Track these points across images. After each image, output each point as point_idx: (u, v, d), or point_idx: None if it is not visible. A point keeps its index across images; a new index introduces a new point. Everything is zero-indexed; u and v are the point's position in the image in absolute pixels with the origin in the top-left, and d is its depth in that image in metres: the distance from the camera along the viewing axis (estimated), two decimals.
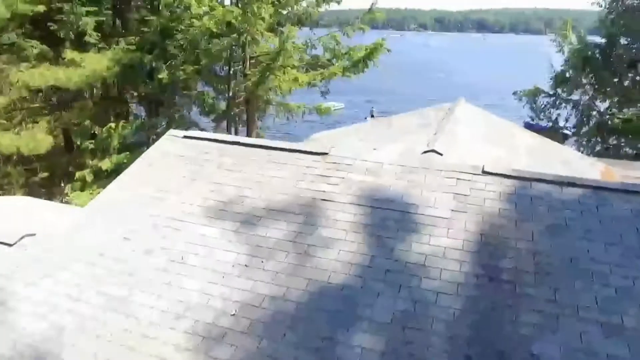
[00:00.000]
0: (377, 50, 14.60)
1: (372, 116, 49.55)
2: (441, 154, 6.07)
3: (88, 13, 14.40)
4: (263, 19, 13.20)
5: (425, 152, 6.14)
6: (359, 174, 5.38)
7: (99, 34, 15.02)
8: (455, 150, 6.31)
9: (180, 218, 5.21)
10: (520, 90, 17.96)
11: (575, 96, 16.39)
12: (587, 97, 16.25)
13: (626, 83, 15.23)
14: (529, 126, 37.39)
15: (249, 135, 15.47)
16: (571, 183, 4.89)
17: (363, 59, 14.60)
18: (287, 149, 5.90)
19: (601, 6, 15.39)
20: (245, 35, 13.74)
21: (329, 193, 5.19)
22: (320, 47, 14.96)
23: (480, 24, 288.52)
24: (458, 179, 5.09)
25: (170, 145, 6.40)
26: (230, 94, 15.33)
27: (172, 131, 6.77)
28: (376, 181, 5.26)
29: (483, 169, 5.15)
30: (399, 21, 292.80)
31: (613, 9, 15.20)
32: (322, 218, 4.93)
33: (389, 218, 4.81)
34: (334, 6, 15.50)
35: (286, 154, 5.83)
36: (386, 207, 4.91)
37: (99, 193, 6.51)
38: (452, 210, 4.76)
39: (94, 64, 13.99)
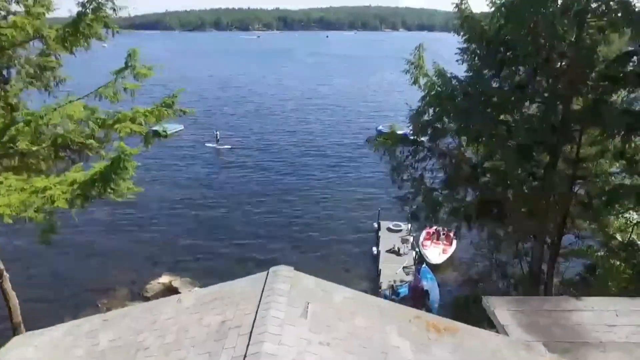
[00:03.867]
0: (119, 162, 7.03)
1: (218, 140, 40.54)
2: None
3: None
4: None
5: None
6: None
7: None
8: None
9: None
10: (373, 135, 13.92)
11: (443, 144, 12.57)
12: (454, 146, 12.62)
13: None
14: (381, 133, 34.43)
15: None
16: None
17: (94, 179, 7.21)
18: None
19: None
20: None
21: None
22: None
23: (323, 21, 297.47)
24: None
25: None
26: None
27: None
28: None
29: None
30: (243, 21, 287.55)
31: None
32: None
33: None
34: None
35: None
36: None
37: None
38: None
39: None
